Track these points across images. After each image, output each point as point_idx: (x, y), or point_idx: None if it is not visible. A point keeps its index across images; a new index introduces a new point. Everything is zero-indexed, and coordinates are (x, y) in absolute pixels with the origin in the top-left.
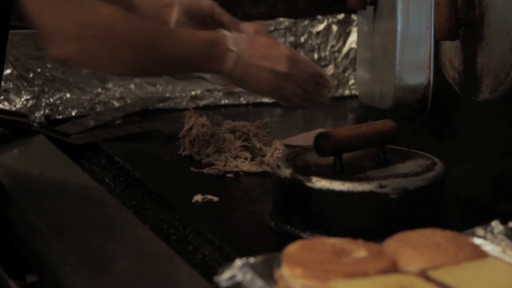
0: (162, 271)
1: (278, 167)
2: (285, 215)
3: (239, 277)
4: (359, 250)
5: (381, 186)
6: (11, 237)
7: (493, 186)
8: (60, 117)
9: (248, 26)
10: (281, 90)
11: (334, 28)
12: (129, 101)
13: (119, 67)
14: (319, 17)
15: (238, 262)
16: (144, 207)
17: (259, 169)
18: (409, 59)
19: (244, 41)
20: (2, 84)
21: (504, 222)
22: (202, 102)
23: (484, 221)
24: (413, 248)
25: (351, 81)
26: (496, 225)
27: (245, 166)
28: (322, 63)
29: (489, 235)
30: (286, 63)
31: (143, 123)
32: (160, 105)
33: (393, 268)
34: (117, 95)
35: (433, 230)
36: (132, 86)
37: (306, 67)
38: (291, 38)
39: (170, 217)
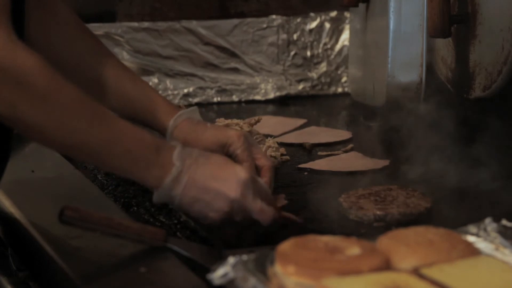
0: (155, 268)
1: None
2: None
3: (232, 274)
4: (353, 247)
5: None
6: (2, 235)
7: (485, 184)
8: None
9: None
10: (231, 217)
11: (327, 25)
12: None
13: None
14: (312, 14)
15: (231, 260)
16: (136, 205)
17: None
18: (402, 56)
19: (191, 156)
20: None
21: (497, 219)
22: (195, 100)
23: (477, 219)
24: (407, 245)
25: (344, 79)
26: (489, 222)
27: None
28: (315, 60)
29: (482, 233)
30: (239, 188)
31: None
32: None
33: (386, 265)
34: None
35: (426, 228)
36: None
37: (262, 193)
38: (284, 36)
39: (162, 214)
